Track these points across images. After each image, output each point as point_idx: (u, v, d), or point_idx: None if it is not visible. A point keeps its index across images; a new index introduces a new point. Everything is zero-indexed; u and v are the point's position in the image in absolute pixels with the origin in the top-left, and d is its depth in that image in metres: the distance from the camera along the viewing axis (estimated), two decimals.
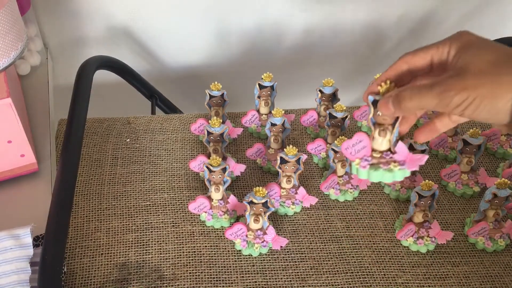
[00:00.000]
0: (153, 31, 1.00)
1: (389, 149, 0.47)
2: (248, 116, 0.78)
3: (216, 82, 0.75)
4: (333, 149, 0.68)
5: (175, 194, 0.70)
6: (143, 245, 0.64)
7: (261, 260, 0.64)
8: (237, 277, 0.62)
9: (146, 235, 0.65)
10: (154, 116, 0.83)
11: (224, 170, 0.64)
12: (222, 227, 0.67)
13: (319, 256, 0.64)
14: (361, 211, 0.70)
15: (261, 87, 0.76)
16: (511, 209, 0.68)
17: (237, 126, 0.80)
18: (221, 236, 0.66)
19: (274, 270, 0.63)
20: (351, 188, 0.71)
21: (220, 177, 0.65)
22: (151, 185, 0.71)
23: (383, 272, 0.63)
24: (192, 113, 0.83)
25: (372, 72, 1.14)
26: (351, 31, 1.08)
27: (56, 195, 0.60)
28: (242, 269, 0.63)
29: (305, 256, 0.64)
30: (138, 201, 0.69)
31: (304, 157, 0.67)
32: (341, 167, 0.70)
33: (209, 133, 0.69)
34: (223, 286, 0.61)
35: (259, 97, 0.77)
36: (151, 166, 0.74)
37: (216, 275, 0.62)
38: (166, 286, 0.60)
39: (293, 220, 0.68)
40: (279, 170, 0.68)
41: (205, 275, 0.62)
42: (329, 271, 0.63)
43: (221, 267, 0.63)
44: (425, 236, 0.65)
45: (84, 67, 0.78)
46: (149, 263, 0.62)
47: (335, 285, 0.62)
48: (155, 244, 0.64)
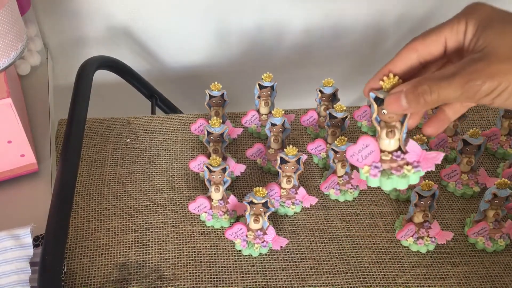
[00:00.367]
0: (153, 31, 1.00)
1: (398, 148, 0.42)
2: (248, 116, 0.78)
3: (216, 82, 0.75)
4: (333, 149, 0.68)
5: (175, 194, 0.70)
6: (143, 245, 0.64)
7: (261, 260, 0.64)
8: (237, 277, 0.62)
9: (146, 235, 0.65)
10: (154, 116, 0.83)
11: (224, 170, 0.64)
12: (222, 227, 0.67)
13: (319, 256, 0.64)
14: (361, 211, 0.70)
15: (261, 87, 0.76)
16: (511, 209, 0.68)
17: (237, 126, 0.80)
18: (221, 236, 0.66)
19: (274, 270, 0.63)
20: (351, 188, 0.71)
21: (220, 177, 0.65)
22: (151, 185, 0.71)
23: (383, 272, 0.63)
24: (192, 113, 0.83)
25: (372, 72, 1.14)
26: (351, 31, 1.08)
27: (56, 195, 0.60)
28: (242, 269, 0.63)
29: (305, 256, 0.64)
30: (138, 201, 0.69)
31: (304, 157, 0.67)
32: (341, 167, 0.70)
33: (209, 133, 0.69)
34: (223, 286, 0.61)
35: (259, 97, 0.77)
36: (151, 166, 0.74)
37: (216, 275, 0.62)
38: (166, 286, 0.60)
39: (293, 220, 0.68)
40: (279, 170, 0.68)
41: (205, 275, 0.62)
42: (329, 271, 0.63)
43: (221, 267, 0.63)
44: (425, 236, 0.65)
45: (84, 67, 0.78)
46: (149, 263, 0.62)
47: (335, 285, 0.62)
48: (155, 244, 0.64)
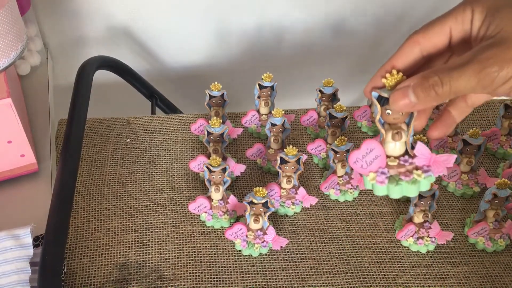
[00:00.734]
0: (153, 31, 1.00)
1: (405, 153, 0.39)
2: (248, 116, 0.78)
3: (216, 82, 0.75)
4: (333, 149, 0.68)
5: (175, 194, 0.70)
6: (143, 245, 0.64)
7: (261, 260, 0.64)
8: (237, 277, 0.62)
9: (146, 235, 0.65)
10: (154, 116, 0.83)
11: (224, 170, 0.64)
12: (222, 227, 0.67)
13: (319, 256, 0.64)
14: (361, 211, 0.70)
15: (261, 87, 0.76)
16: (511, 209, 0.68)
17: (237, 126, 0.80)
18: (221, 236, 0.66)
19: (274, 270, 0.63)
20: (351, 188, 0.71)
21: (220, 177, 0.65)
22: (151, 185, 0.71)
23: (383, 272, 0.63)
24: (192, 113, 0.83)
25: (372, 72, 1.14)
26: (351, 31, 1.08)
27: (56, 195, 0.60)
28: (242, 269, 0.63)
29: (305, 256, 0.64)
30: (138, 201, 0.69)
31: (304, 157, 0.67)
32: (341, 167, 0.70)
33: (209, 133, 0.69)
34: (223, 286, 0.61)
35: (259, 97, 0.77)
36: (151, 166, 0.74)
37: (216, 275, 0.62)
38: (166, 286, 0.60)
39: (293, 220, 0.68)
40: (279, 170, 0.68)
41: (205, 275, 0.62)
42: (329, 271, 0.63)
43: (221, 267, 0.63)
44: (425, 236, 0.65)
45: (84, 67, 0.78)
46: (149, 263, 0.62)
47: (335, 285, 0.62)
48: (155, 244, 0.64)
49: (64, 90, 0.89)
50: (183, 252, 0.64)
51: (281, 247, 0.65)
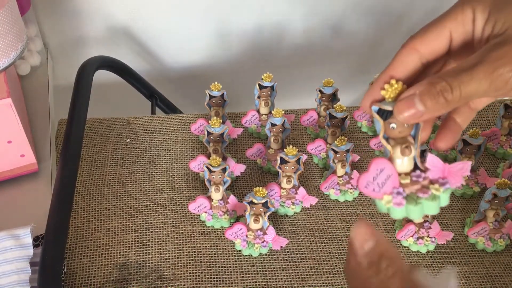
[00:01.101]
0: (153, 31, 1.00)
1: (414, 168, 0.36)
2: (248, 116, 0.78)
3: (216, 82, 0.75)
4: (333, 149, 0.68)
5: (175, 194, 0.70)
6: (143, 245, 0.64)
7: (261, 260, 0.64)
8: (237, 277, 0.62)
9: (146, 235, 0.65)
10: (154, 116, 0.83)
11: (224, 170, 0.64)
12: (222, 227, 0.67)
13: (319, 256, 0.64)
14: (361, 211, 0.70)
15: (261, 87, 0.76)
16: (511, 209, 0.68)
17: (237, 126, 0.80)
18: (221, 236, 0.66)
19: (274, 270, 0.63)
20: (351, 188, 0.71)
21: (220, 177, 0.65)
22: (151, 185, 0.71)
23: None
24: (192, 113, 0.83)
25: (372, 72, 1.14)
26: (351, 31, 1.08)
27: (56, 195, 0.60)
28: (242, 269, 0.63)
29: (305, 256, 0.64)
30: (138, 201, 0.69)
31: (304, 157, 0.67)
32: (341, 167, 0.70)
33: (209, 133, 0.69)
34: (223, 286, 0.61)
35: (259, 97, 0.77)
36: (151, 166, 0.74)
37: (216, 275, 0.62)
38: (166, 286, 0.60)
39: (293, 220, 0.68)
40: (279, 170, 0.68)
41: (205, 275, 0.62)
42: (329, 271, 0.63)
43: (221, 267, 0.63)
44: (425, 236, 0.65)
45: (84, 67, 0.78)
46: (149, 263, 0.62)
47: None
48: (155, 244, 0.64)
49: (64, 90, 0.89)
50: (183, 252, 0.64)
51: (281, 247, 0.65)
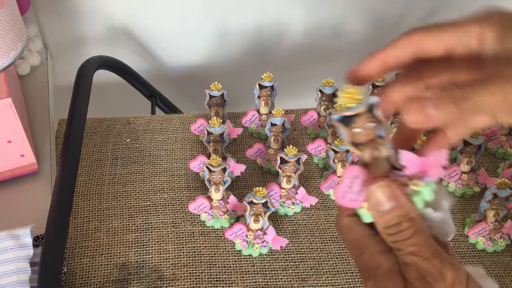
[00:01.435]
0: (153, 31, 1.00)
1: (391, 167, 0.34)
2: (248, 116, 0.78)
3: (216, 82, 0.75)
4: (333, 149, 0.68)
5: (175, 194, 0.70)
6: (143, 245, 0.64)
7: (261, 260, 0.64)
8: (237, 277, 0.62)
9: (146, 235, 0.65)
10: (154, 116, 0.83)
11: (224, 170, 0.64)
12: (222, 227, 0.66)
13: (319, 256, 0.64)
14: None
15: (261, 87, 0.76)
16: (511, 209, 0.68)
17: (237, 126, 0.80)
18: (221, 236, 0.66)
19: (274, 270, 0.63)
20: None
21: (220, 177, 0.65)
22: (151, 185, 0.71)
23: None
24: (192, 113, 0.83)
25: None
26: (351, 31, 1.08)
27: (56, 195, 0.60)
28: (242, 269, 0.63)
29: (305, 256, 0.64)
30: (138, 201, 0.69)
31: (304, 157, 0.67)
32: (341, 167, 0.70)
33: (209, 133, 0.69)
34: (223, 286, 0.61)
35: (259, 97, 0.77)
36: (151, 166, 0.74)
37: (216, 275, 0.62)
38: (166, 286, 0.60)
39: (293, 220, 0.68)
40: (279, 170, 0.68)
41: (205, 275, 0.62)
42: (329, 271, 0.63)
43: (221, 267, 0.63)
44: None
45: (84, 67, 0.78)
46: (149, 263, 0.62)
47: (335, 285, 0.62)
48: (155, 244, 0.64)
49: (64, 90, 0.89)
50: (183, 252, 0.64)
51: (281, 247, 0.65)
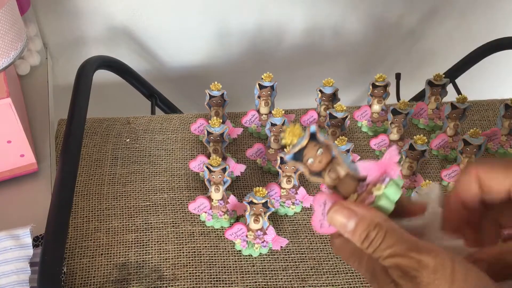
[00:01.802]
0: (153, 31, 1.00)
1: (357, 180, 0.36)
2: (248, 116, 0.78)
3: (216, 82, 0.75)
4: None
5: (175, 194, 0.70)
6: (143, 245, 0.64)
7: (261, 260, 0.64)
8: (237, 277, 0.62)
9: (146, 235, 0.65)
10: (154, 116, 0.83)
11: (224, 170, 0.64)
12: (222, 227, 0.66)
13: (319, 256, 0.64)
14: None
15: (261, 87, 0.76)
16: None
17: (237, 126, 0.80)
18: (221, 236, 0.66)
19: (274, 270, 0.63)
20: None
21: (220, 177, 0.65)
22: (151, 185, 0.71)
23: None
24: (192, 113, 0.83)
25: (372, 72, 1.14)
26: (351, 31, 1.08)
27: (56, 195, 0.60)
28: (242, 269, 0.63)
29: (305, 256, 0.64)
30: (138, 201, 0.69)
31: None
32: None
33: (209, 133, 0.69)
34: (223, 286, 0.61)
35: (259, 97, 0.77)
36: (151, 166, 0.74)
37: (216, 275, 0.62)
38: (166, 286, 0.60)
39: (293, 220, 0.68)
40: (279, 170, 0.68)
41: (205, 275, 0.62)
42: (329, 271, 0.63)
43: (221, 267, 0.63)
44: None
45: (84, 67, 0.78)
46: (149, 263, 0.62)
47: (336, 285, 0.61)
48: (155, 244, 0.64)
49: (63, 90, 0.89)
50: (183, 252, 0.64)
51: (281, 247, 0.65)
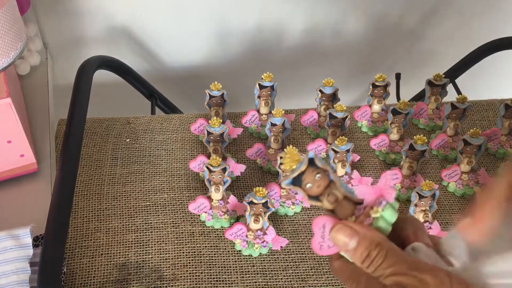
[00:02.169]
0: (153, 31, 1.00)
1: (354, 204, 0.37)
2: (248, 116, 0.78)
3: (216, 82, 0.75)
4: (333, 149, 0.68)
5: (175, 194, 0.70)
6: (143, 245, 0.64)
7: (261, 261, 0.64)
8: (237, 278, 0.62)
9: (146, 235, 0.65)
10: (154, 116, 0.83)
11: (224, 170, 0.64)
12: (222, 227, 0.66)
13: (319, 256, 0.64)
14: None
15: (261, 87, 0.76)
16: None
17: (237, 126, 0.80)
18: (221, 236, 0.66)
19: (274, 271, 0.63)
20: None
21: (220, 177, 0.65)
22: (151, 185, 0.71)
23: None
24: (192, 113, 0.83)
25: (372, 72, 1.14)
26: (351, 31, 1.08)
27: (56, 195, 0.60)
28: (242, 269, 0.63)
29: (305, 256, 0.64)
30: (138, 201, 0.69)
31: None
32: (341, 167, 0.70)
33: (209, 133, 0.69)
34: (223, 287, 0.61)
35: (259, 97, 0.77)
36: (151, 166, 0.74)
37: (216, 275, 0.62)
38: (166, 286, 0.60)
39: (293, 220, 0.68)
40: (279, 170, 0.68)
41: (205, 276, 0.62)
42: (329, 272, 0.63)
43: (221, 267, 0.63)
44: None
45: (84, 67, 0.78)
46: (149, 263, 0.62)
47: (335, 285, 0.61)
48: (155, 244, 0.64)
49: (63, 90, 0.89)
50: (183, 252, 0.64)
51: (281, 247, 0.65)
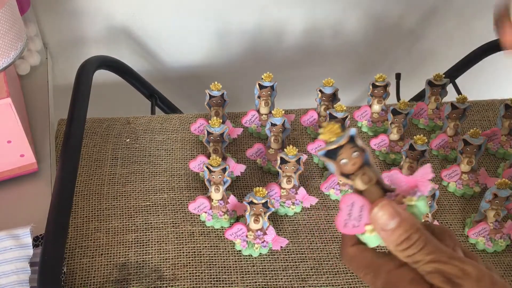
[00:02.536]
0: (153, 31, 1.00)
1: (384, 190, 0.36)
2: (248, 116, 0.78)
3: (216, 82, 0.75)
4: None
5: (175, 194, 0.70)
6: (143, 245, 0.64)
7: (261, 261, 0.64)
8: (237, 278, 0.62)
9: (146, 235, 0.65)
10: (154, 116, 0.83)
11: (224, 170, 0.64)
12: (222, 227, 0.66)
13: (320, 256, 0.64)
14: None
15: (261, 87, 0.76)
16: (511, 210, 0.68)
17: (237, 126, 0.80)
18: (221, 237, 0.66)
19: (274, 271, 0.63)
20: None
21: (220, 177, 0.65)
22: (151, 185, 0.71)
23: None
24: (192, 113, 0.83)
25: (372, 72, 1.14)
26: (351, 31, 1.08)
27: (56, 195, 0.60)
28: (242, 269, 0.63)
29: (306, 257, 0.64)
30: (138, 201, 0.69)
31: (304, 157, 0.67)
32: None
33: (209, 133, 0.69)
34: (223, 287, 0.61)
35: (259, 97, 0.77)
36: (151, 166, 0.74)
37: (216, 275, 0.62)
38: (166, 286, 0.60)
39: (293, 221, 0.68)
40: (279, 170, 0.68)
41: (205, 276, 0.62)
42: (329, 272, 0.63)
43: (221, 267, 0.63)
44: None
45: (84, 67, 0.78)
46: (149, 263, 0.62)
47: (336, 285, 0.61)
48: (155, 244, 0.64)
49: (63, 90, 0.89)
50: (183, 252, 0.64)
51: (281, 247, 0.65)
